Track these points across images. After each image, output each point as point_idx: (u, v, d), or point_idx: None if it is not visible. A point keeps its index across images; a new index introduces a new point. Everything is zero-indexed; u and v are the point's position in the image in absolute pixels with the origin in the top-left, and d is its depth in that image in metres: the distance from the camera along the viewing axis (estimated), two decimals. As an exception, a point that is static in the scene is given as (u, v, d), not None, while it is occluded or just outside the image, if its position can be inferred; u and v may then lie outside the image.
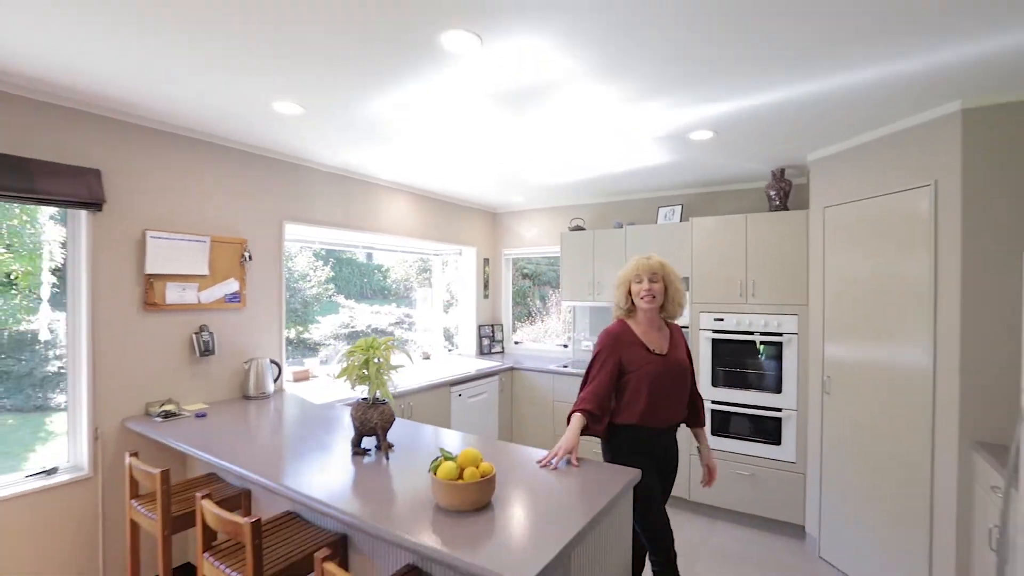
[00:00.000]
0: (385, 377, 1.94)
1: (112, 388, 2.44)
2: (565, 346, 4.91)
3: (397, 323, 4.96)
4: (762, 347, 3.33)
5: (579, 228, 4.40)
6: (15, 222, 2.63)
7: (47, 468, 2.32)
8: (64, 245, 2.46)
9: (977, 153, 2.16)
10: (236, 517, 1.60)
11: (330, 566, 1.34)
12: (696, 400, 2.24)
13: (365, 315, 4.81)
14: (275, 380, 3.06)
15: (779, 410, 3.26)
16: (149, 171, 2.55)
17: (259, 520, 1.57)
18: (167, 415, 2.49)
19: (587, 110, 2.41)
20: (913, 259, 2.41)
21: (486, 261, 5.08)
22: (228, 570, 1.66)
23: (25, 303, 2.93)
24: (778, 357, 3.28)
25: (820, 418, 2.98)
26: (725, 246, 3.46)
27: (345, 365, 1.91)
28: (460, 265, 5.02)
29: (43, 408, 3.08)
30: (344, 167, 3.49)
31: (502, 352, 5.11)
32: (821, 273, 3.00)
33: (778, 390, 3.27)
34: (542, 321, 5.78)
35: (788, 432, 3.23)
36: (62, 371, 2.64)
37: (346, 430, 2.31)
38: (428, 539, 1.30)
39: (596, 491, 1.60)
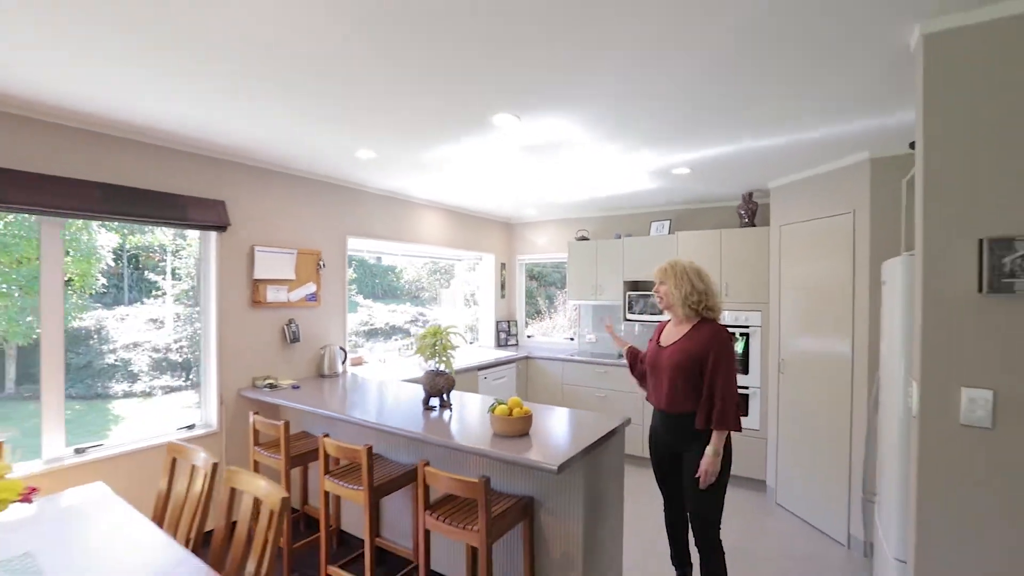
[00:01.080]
0: (448, 354, 2.71)
1: (230, 366, 3.22)
2: (571, 339, 5.68)
3: (412, 321, 5.66)
4: (739, 339, 4.09)
5: (584, 238, 5.17)
6: (72, 229, 3.28)
7: (188, 424, 3.10)
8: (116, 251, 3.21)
9: (881, 190, 2.92)
10: (355, 445, 2.37)
11: (430, 469, 2.10)
12: (707, 399, 2.22)
13: (382, 313, 5.47)
14: (342, 363, 3.83)
15: (746, 388, 4.02)
16: (258, 200, 3.33)
17: (371, 447, 2.33)
18: (271, 386, 3.27)
19: (594, 157, 3.18)
20: (840, 270, 3.17)
21: (502, 265, 5.86)
22: (346, 484, 2.42)
23: (80, 302, 3.51)
24: (746, 345, 4.04)
25: (777, 393, 3.74)
26: (704, 255, 4.23)
27: (420, 345, 2.68)
28: (480, 269, 5.79)
29: (103, 396, 3.82)
30: (391, 190, 4.26)
31: (516, 344, 5.88)
32: (778, 278, 3.77)
33: (746, 372, 4.04)
34: (550, 318, 6.54)
35: (754, 405, 4.00)
36: (116, 364, 3.36)
37: (407, 397, 3.07)
38: (494, 449, 2.07)
39: (596, 430, 2.36)
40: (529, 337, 6.01)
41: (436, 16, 1.58)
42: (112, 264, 3.78)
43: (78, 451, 2.62)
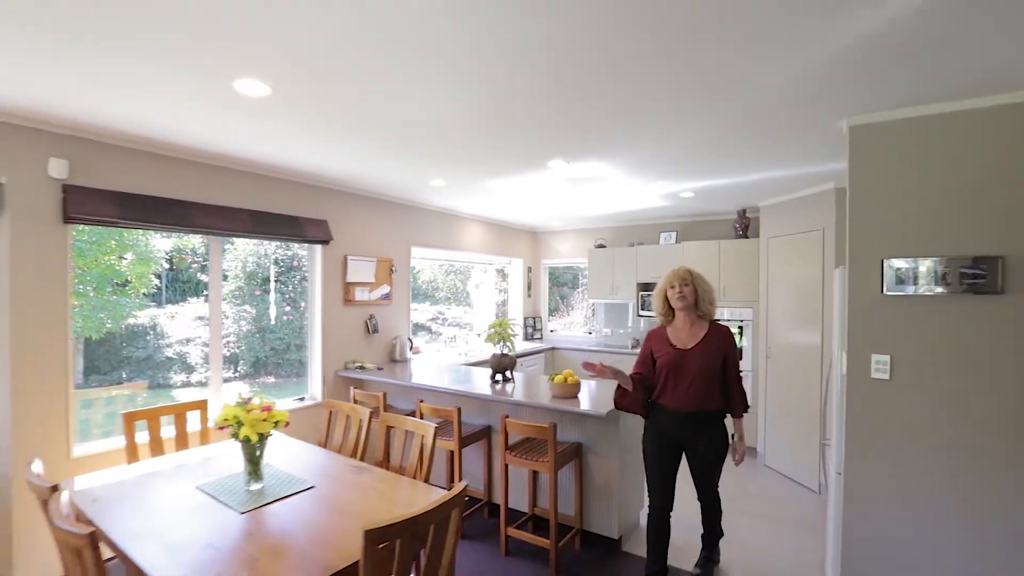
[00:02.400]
0: (511, 341, 3.54)
1: (329, 352, 4.05)
2: (589, 333, 6.52)
3: (433, 319, 6.39)
4: (736, 331, 4.92)
5: (601, 246, 6.01)
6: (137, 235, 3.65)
7: (299, 397, 3.94)
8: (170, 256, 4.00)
9: (843, 213, 3.73)
10: (447, 407, 3.20)
11: (511, 420, 2.93)
12: (732, 393, 2.52)
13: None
14: (409, 350, 4.67)
15: (741, 372, 4.85)
16: (349, 218, 4.17)
17: (460, 408, 3.16)
18: (361, 368, 4.10)
19: (619, 186, 4.01)
20: (813, 275, 3.99)
21: (529, 268, 6.70)
22: (441, 437, 3.25)
23: (137, 301, 4.03)
24: (741, 336, 4.88)
25: (765, 375, 4.57)
26: (706, 261, 5.06)
27: (490, 334, 3.52)
28: (510, 271, 6.63)
29: (165, 386, 4.57)
30: (445, 207, 5.10)
31: (541, 338, 6.72)
32: (766, 281, 4.60)
33: (741, 358, 4.86)
34: (567, 314, 7.38)
35: (747, 386, 4.82)
36: (171, 358, 4.08)
37: (471, 375, 3.90)
38: (558, 405, 2.91)
39: (628, 393, 3.19)
40: (552, 331, 6.85)
41: (523, 101, 2.41)
42: (165, 266, 4.45)
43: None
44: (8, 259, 2.47)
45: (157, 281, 4.51)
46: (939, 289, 2.22)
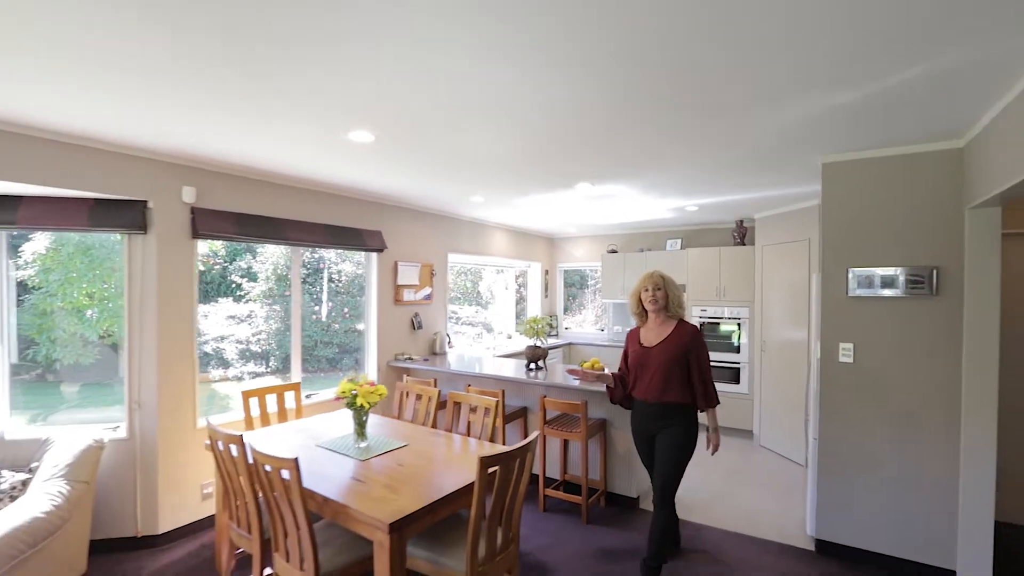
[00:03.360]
0: (544, 335, 4.18)
1: (382, 345, 4.69)
2: (602, 330, 7.16)
3: (448, 318, 7.05)
4: (734, 328, 5.56)
5: (613, 251, 6.65)
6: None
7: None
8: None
9: (826, 226, 4.38)
10: (493, 390, 3.83)
11: (548, 399, 3.57)
12: (699, 386, 2.66)
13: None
14: (447, 344, 5.31)
15: (739, 363, 5.50)
16: (398, 228, 4.81)
17: (503, 391, 3.80)
18: (409, 359, 4.74)
19: (632, 201, 4.65)
20: (801, 280, 4.63)
21: (546, 271, 7.34)
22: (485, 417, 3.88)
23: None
24: (739, 331, 5.52)
25: (760, 366, 5.21)
26: (708, 266, 5.70)
27: (526, 328, 4.16)
28: (529, 274, 7.27)
29: (204, 381, 5.18)
30: (476, 217, 5.74)
31: (557, 335, 7.35)
32: (761, 284, 5.24)
33: (738, 351, 5.51)
34: (580, 312, 8.01)
35: (744, 376, 5.47)
36: (208, 353, 4.73)
37: (505, 364, 4.53)
38: (585, 387, 3.55)
39: (644, 378, 3.84)
40: (567, 328, 7.50)
41: (558, 142, 3.05)
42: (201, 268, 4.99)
43: (307, 396, 4.09)
44: (155, 266, 3.12)
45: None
46: (889, 292, 2.87)
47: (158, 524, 3.14)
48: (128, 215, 3.04)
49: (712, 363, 5.49)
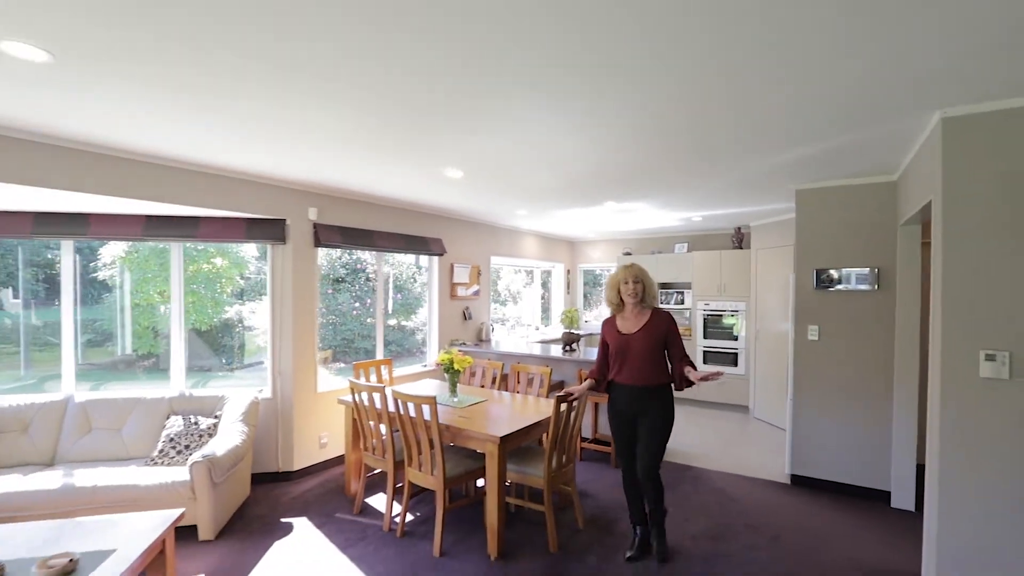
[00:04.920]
0: (579, 323, 5.18)
1: (441, 332, 5.69)
2: (617, 322, 8.15)
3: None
4: (733, 318, 6.54)
5: (628, 254, 7.64)
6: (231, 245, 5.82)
7: (425, 364, 5.59)
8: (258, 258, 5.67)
9: (807, 234, 5.36)
10: (542, 367, 4.83)
11: (582, 371, 4.56)
12: (675, 366, 2.88)
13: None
14: (491, 332, 6.31)
15: (737, 349, 6.48)
16: (453, 235, 5.81)
17: (551, 368, 4.79)
18: (463, 344, 5.75)
19: (648, 214, 5.65)
20: (787, 277, 5.60)
21: (568, 271, 8.34)
22: (530, 389, 4.89)
23: (225, 298, 5.41)
24: (737, 322, 6.50)
25: (755, 351, 6.19)
26: (710, 266, 6.69)
27: (563, 317, 5.16)
28: (553, 273, 8.28)
29: (252, 367, 6.15)
30: (512, 225, 6.74)
31: (579, 327, 8.34)
32: (755, 282, 6.22)
33: (736, 339, 6.50)
34: (597, 307, 9.00)
35: (741, 360, 6.46)
36: (261, 347, 5.73)
37: (545, 348, 5.53)
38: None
39: (659, 356, 4.83)
40: (586, 322, 8.49)
41: (590, 176, 4.05)
42: (251, 269, 5.93)
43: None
44: (291, 270, 4.14)
45: (242, 282, 6.11)
46: (844, 287, 3.86)
47: (293, 463, 4.16)
48: (273, 230, 4.05)
49: (714, 349, 6.54)
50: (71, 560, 2.11)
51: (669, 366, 2.94)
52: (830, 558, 3.01)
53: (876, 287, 3.76)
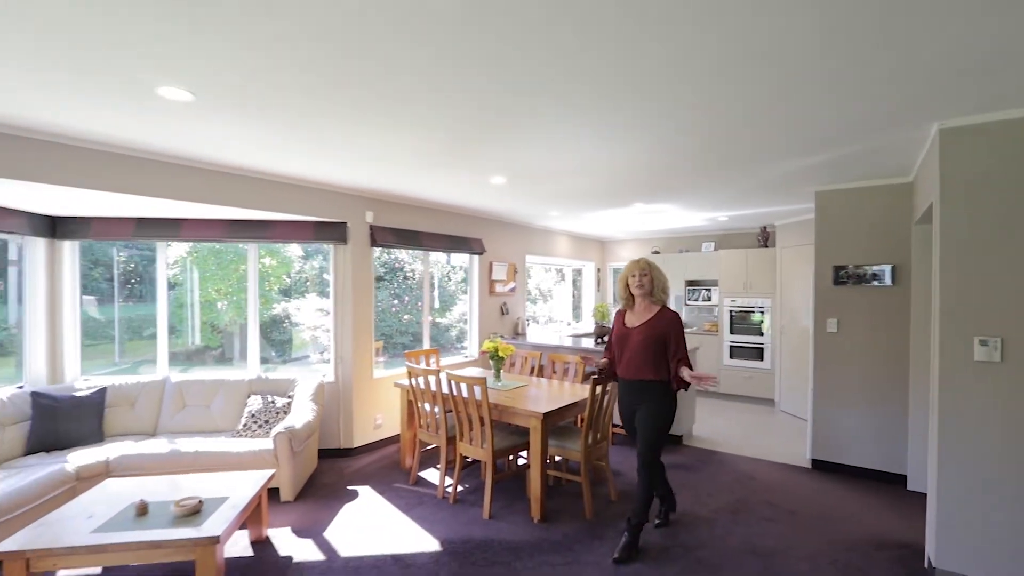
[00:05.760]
0: (608, 316, 5.54)
1: (481, 326, 6.12)
2: (646, 319, 8.45)
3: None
4: (759, 316, 6.79)
5: (656, 252, 7.94)
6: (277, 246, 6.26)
7: (467, 354, 6.03)
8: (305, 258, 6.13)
9: (830, 233, 5.59)
10: (576, 356, 5.20)
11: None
12: (672, 365, 2.88)
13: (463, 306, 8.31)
14: (526, 326, 6.72)
15: (762, 344, 6.73)
16: (491, 235, 6.24)
17: (585, 357, 5.17)
18: (501, 337, 6.16)
19: (676, 215, 5.96)
20: (811, 275, 5.83)
21: (598, 269, 8.68)
22: (566, 378, 5.27)
23: (273, 295, 5.95)
24: (763, 318, 6.74)
25: (780, 346, 6.43)
26: (736, 264, 6.94)
27: (595, 311, 5.53)
28: (584, 272, 8.63)
29: (299, 360, 6.64)
30: (545, 226, 7.13)
31: (610, 321, 8.67)
32: (780, 280, 6.46)
33: (762, 334, 6.74)
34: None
35: (767, 355, 6.70)
36: (306, 341, 6.25)
37: (576, 340, 5.90)
38: (643, 352, 4.91)
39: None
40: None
41: (621, 181, 4.40)
42: (296, 268, 6.35)
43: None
44: (351, 268, 4.62)
45: (288, 280, 6.61)
46: (862, 282, 4.12)
47: (353, 440, 4.65)
48: (336, 232, 4.55)
49: (740, 344, 6.79)
50: (199, 501, 2.61)
51: (670, 366, 2.93)
52: (844, 530, 3.31)
53: (892, 283, 4.01)
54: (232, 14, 1.66)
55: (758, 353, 6.78)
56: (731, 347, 7.00)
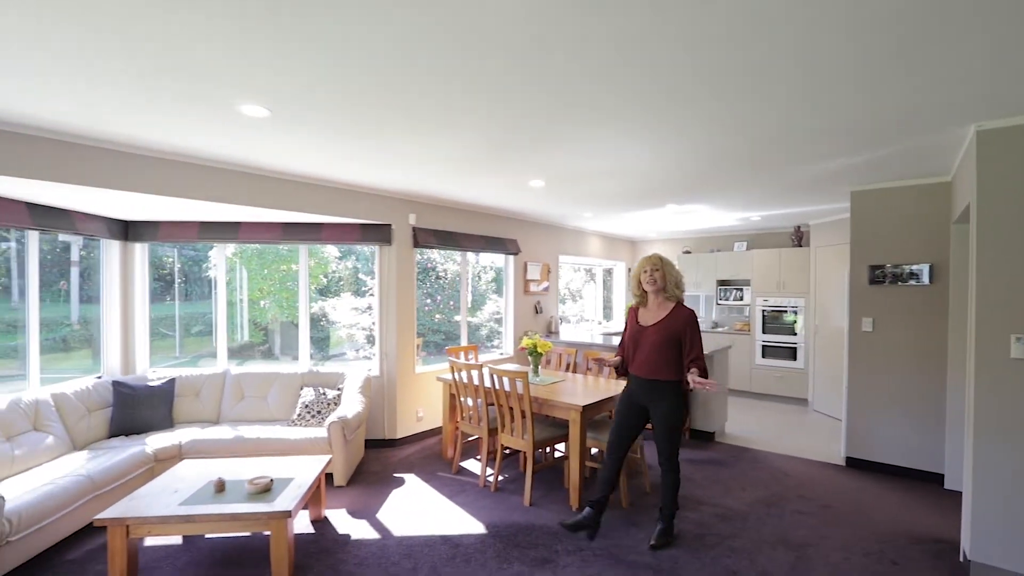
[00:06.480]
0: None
1: (516, 325, 6.31)
2: (676, 318, 8.50)
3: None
4: (792, 316, 6.79)
5: (687, 252, 8.00)
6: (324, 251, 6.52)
7: (501, 352, 6.22)
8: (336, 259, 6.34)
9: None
10: (610, 354, 5.34)
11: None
12: (693, 360, 2.81)
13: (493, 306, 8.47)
14: (559, 325, 6.88)
15: (796, 344, 6.73)
16: (530, 236, 6.42)
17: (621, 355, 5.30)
18: (535, 334, 6.34)
19: (708, 215, 6.03)
20: (845, 275, 5.83)
21: (628, 269, 8.77)
22: (602, 373, 5.41)
23: (312, 294, 6.31)
24: (796, 318, 6.75)
25: (813, 345, 6.43)
26: (769, 264, 6.96)
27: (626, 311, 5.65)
28: (614, 272, 8.74)
29: (336, 358, 6.86)
30: (577, 226, 7.27)
31: (638, 322, 8.77)
32: (814, 279, 6.45)
33: (794, 334, 6.74)
34: (656, 305, 9.36)
35: (800, 354, 6.70)
36: (343, 338, 6.48)
37: (606, 339, 6.03)
38: (677, 350, 5.02)
39: (720, 343, 5.23)
40: (646, 317, 8.90)
41: (656, 182, 4.52)
42: (333, 268, 6.62)
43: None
44: (395, 268, 4.87)
45: (325, 280, 6.89)
46: (898, 281, 4.15)
47: (396, 432, 4.90)
48: (381, 233, 4.80)
49: (773, 344, 6.81)
50: (270, 480, 2.86)
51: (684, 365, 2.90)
52: (878, 524, 3.37)
53: (930, 282, 4.03)
54: (310, 44, 1.88)
55: (791, 353, 6.79)
56: (763, 346, 7.01)
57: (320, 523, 3.32)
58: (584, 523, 3.03)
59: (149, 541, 3.04)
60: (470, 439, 4.69)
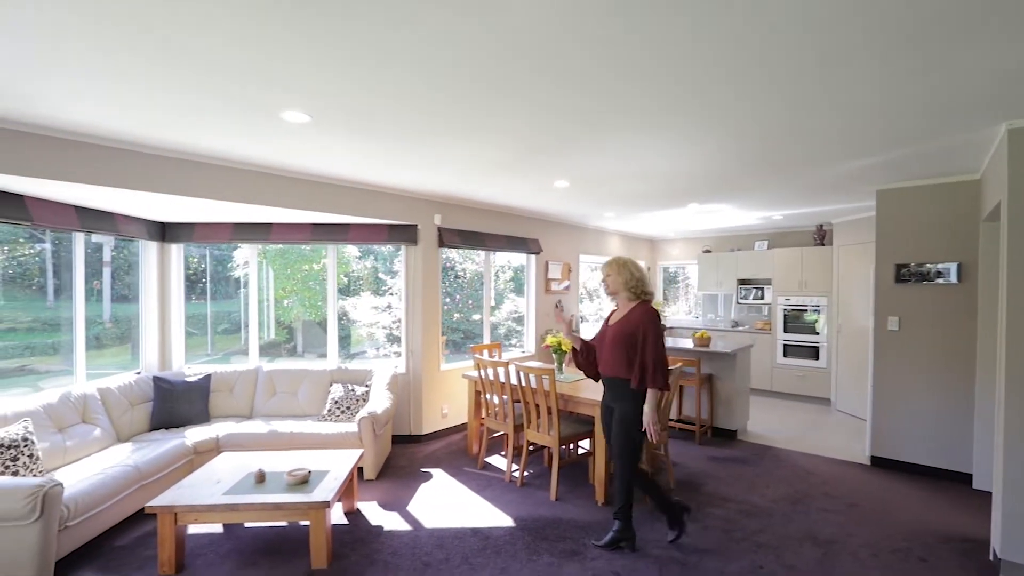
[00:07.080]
0: (663, 312, 5.68)
1: (537, 323, 6.38)
2: (696, 317, 8.49)
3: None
4: (814, 315, 6.76)
5: (708, 251, 7.99)
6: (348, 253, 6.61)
7: (523, 350, 6.30)
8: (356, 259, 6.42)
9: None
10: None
11: (672, 357, 5.08)
12: (638, 366, 2.81)
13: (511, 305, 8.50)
14: (580, 323, 6.93)
15: (818, 343, 6.69)
16: (547, 235, 6.48)
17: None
18: (557, 332, 6.39)
19: (729, 214, 6.03)
20: (869, 273, 5.79)
21: (648, 268, 8.78)
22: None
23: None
24: (818, 316, 6.71)
25: (836, 345, 6.39)
26: (791, 263, 6.93)
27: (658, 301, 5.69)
28: (633, 271, 8.76)
29: (357, 356, 6.94)
30: (599, 226, 7.31)
31: (665, 320, 8.77)
32: (837, 278, 6.41)
33: (817, 333, 6.71)
34: (675, 303, 9.37)
35: (822, 353, 6.66)
36: (363, 336, 6.56)
37: (633, 338, 6.07)
38: (697, 349, 5.03)
39: (742, 342, 5.25)
40: (665, 316, 8.90)
41: (680, 183, 4.55)
42: (353, 268, 6.70)
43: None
44: (421, 267, 4.97)
45: (345, 279, 7.00)
46: (924, 280, 4.13)
47: (422, 428, 5.00)
48: (408, 233, 4.90)
49: (794, 343, 6.77)
50: (308, 472, 2.97)
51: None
52: (905, 523, 3.37)
53: (958, 280, 4.01)
54: (350, 50, 1.97)
55: (813, 352, 6.75)
56: (784, 345, 6.99)
57: (353, 515, 3.42)
58: (619, 537, 2.99)
59: (192, 529, 3.17)
60: (495, 435, 4.77)
